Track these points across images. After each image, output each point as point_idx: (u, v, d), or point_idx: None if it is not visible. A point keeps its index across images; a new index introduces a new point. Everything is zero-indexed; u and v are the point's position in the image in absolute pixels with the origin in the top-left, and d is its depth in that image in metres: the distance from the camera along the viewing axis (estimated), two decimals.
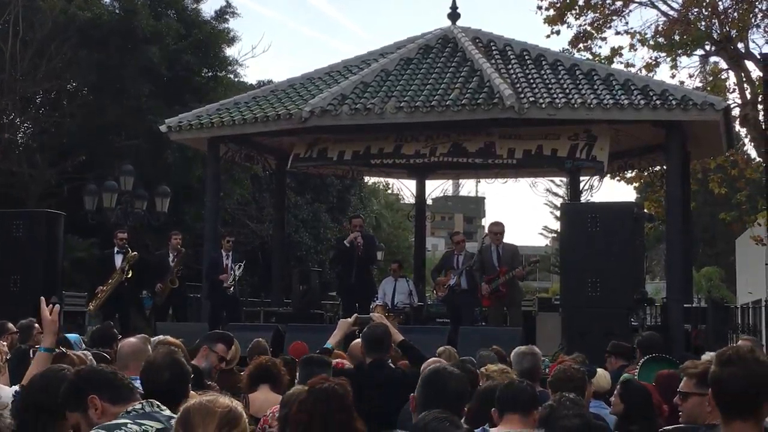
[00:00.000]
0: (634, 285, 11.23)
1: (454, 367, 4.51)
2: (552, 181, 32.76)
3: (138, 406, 3.40)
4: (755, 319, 20.42)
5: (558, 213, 32.91)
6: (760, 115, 19.19)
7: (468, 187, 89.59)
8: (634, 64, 21.43)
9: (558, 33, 21.84)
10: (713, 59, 22.45)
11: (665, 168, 14.13)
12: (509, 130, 12.98)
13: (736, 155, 21.47)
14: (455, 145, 13.17)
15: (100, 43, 23.66)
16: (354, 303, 12.93)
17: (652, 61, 21.45)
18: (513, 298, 12.99)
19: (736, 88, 21.38)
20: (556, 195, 44.75)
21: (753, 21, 20.85)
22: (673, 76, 24.02)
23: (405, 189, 18.70)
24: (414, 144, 13.36)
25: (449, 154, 13.24)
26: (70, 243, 18.76)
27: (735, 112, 19.40)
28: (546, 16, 21.77)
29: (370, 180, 34.14)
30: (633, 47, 21.71)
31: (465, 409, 4.37)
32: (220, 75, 26.73)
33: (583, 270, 10.81)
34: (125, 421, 3.28)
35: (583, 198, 15.17)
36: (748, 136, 22.52)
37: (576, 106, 12.15)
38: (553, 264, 46.81)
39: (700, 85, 20.86)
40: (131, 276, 13.23)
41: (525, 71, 13.42)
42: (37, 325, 6.82)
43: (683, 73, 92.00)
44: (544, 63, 13.73)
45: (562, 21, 21.68)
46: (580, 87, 12.70)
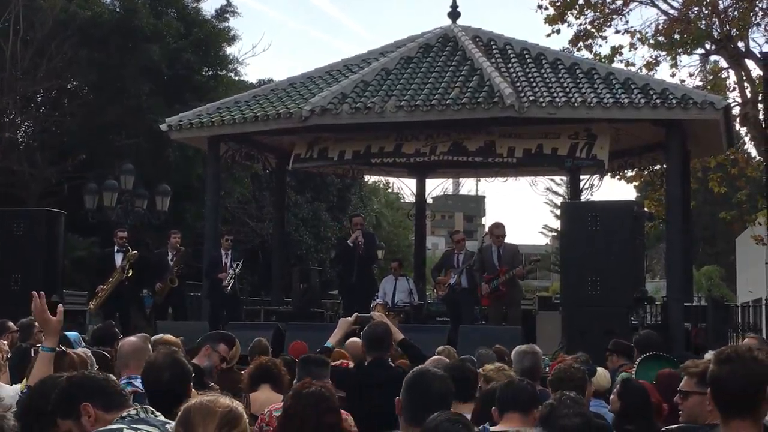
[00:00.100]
0: (634, 284, 11.21)
1: (437, 369, 4.50)
2: (552, 180, 32.70)
3: (133, 411, 3.37)
4: (755, 318, 20.44)
5: (558, 212, 32.82)
6: (760, 114, 19.22)
7: (468, 186, 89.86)
8: (634, 63, 21.47)
9: (558, 32, 21.86)
10: (713, 58, 22.50)
11: (665, 167, 14.14)
12: (509, 128, 12.98)
13: (736, 154, 21.47)
14: (455, 144, 13.17)
15: (100, 42, 23.67)
16: (354, 302, 12.93)
17: (652, 60, 21.48)
18: (513, 297, 12.98)
19: (736, 86, 21.42)
20: (556, 194, 44.83)
21: (753, 20, 20.86)
22: (674, 74, 23.97)
23: (405, 188, 18.76)
24: (414, 143, 13.36)
25: (449, 152, 13.23)
26: (70, 242, 18.76)
27: (735, 110, 19.39)
28: (546, 15, 21.81)
29: (370, 179, 34.27)
30: (633, 46, 21.74)
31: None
32: (220, 74, 26.76)
33: (584, 269, 10.82)
34: (121, 426, 3.25)
35: (584, 197, 15.17)
36: (748, 135, 22.53)
37: (576, 105, 12.14)
38: (554, 263, 46.82)
39: (700, 84, 20.87)
40: (131, 275, 13.25)
41: (525, 70, 13.41)
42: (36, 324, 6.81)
43: (683, 72, 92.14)
44: (544, 62, 13.72)
45: (562, 20, 21.68)
46: (580, 86, 12.69)
